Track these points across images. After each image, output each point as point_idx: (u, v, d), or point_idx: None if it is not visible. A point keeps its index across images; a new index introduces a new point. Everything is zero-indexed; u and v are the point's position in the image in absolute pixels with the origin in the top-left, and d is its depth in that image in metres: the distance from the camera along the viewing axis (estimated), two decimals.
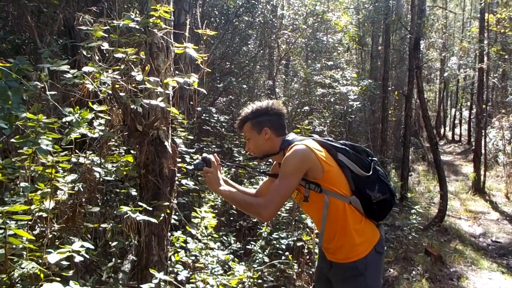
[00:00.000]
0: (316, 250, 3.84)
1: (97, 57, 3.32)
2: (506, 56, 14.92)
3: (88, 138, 3.20)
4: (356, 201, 2.52)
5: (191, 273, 3.90)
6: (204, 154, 2.61)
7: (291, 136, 2.67)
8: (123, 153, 3.84)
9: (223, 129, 8.05)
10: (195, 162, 2.60)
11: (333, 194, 2.47)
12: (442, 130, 31.18)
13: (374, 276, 2.54)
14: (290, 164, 2.42)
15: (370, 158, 2.65)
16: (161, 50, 3.52)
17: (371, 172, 2.56)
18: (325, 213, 2.48)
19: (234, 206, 5.64)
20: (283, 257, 4.73)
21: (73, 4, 5.37)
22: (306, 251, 4.95)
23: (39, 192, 2.63)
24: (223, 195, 2.54)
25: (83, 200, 3.24)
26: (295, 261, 4.71)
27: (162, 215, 3.44)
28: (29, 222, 2.58)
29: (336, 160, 2.53)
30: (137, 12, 3.42)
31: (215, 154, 2.65)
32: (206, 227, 4.19)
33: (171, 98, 3.61)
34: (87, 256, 2.53)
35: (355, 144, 2.70)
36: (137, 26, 3.26)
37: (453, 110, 32.13)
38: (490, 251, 8.13)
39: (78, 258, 2.35)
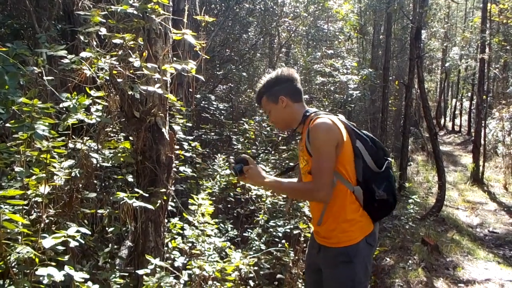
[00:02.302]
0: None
1: (95, 43, 3.31)
2: (508, 47, 14.84)
3: (85, 124, 3.20)
4: (359, 192, 2.49)
5: (187, 259, 3.91)
6: (240, 157, 2.64)
7: (311, 110, 2.65)
8: (120, 139, 3.83)
9: (222, 117, 8.03)
10: (234, 167, 2.59)
11: (340, 177, 2.46)
12: (442, 121, 31.14)
13: (363, 265, 2.52)
14: (321, 139, 2.40)
15: (385, 157, 2.62)
16: (159, 36, 3.50)
17: (383, 169, 2.54)
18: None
19: (232, 194, 5.66)
20: (279, 245, 4.75)
21: None
22: (302, 239, 4.97)
23: (34, 177, 2.63)
24: (271, 186, 2.55)
25: (80, 185, 3.24)
26: (292, 249, 4.73)
27: (159, 201, 3.45)
28: (25, 207, 2.58)
29: (353, 146, 2.51)
30: None
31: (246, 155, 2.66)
32: (203, 214, 4.20)
33: (169, 85, 3.61)
34: (82, 241, 2.55)
35: (376, 139, 2.67)
36: (135, 12, 3.24)
37: (454, 100, 32.06)
38: (487, 241, 8.17)
39: (73, 243, 2.36)
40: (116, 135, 3.88)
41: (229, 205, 6.03)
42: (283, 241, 4.78)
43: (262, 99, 2.70)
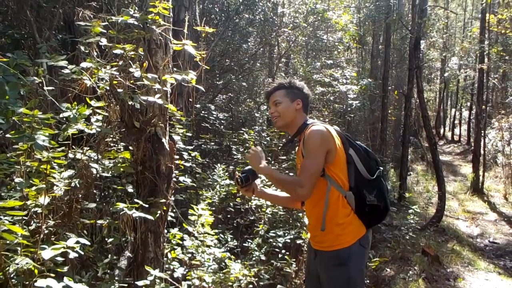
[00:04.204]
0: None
1: (95, 53, 3.31)
2: (507, 57, 14.88)
3: (85, 134, 3.20)
4: (350, 197, 2.60)
5: (187, 270, 3.90)
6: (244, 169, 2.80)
7: (310, 120, 2.80)
8: (120, 150, 3.83)
9: (222, 127, 8.03)
10: (241, 176, 2.73)
11: (334, 182, 2.57)
12: (441, 130, 31.16)
13: (357, 268, 2.58)
14: (313, 142, 2.53)
15: (377, 166, 2.75)
16: (160, 47, 3.51)
17: (374, 177, 2.67)
18: (327, 197, 2.57)
19: (232, 204, 5.65)
20: (279, 255, 4.73)
21: None
22: (305, 249, 4.95)
23: (34, 188, 2.62)
24: (267, 173, 2.65)
25: (80, 196, 3.23)
26: (294, 259, 4.71)
27: (159, 212, 3.43)
28: (25, 218, 2.57)
29: (346, 153, 2.64)
30: (136, 8, 3.42)
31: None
32: (202, 225, 4.19)
33: (169, 95, 3.61)
34: (82, 252, 2.53)
35: (369, 150, 2.80)
36: (135, 23, 3.25)
37: (453, 110, 32.13)
38: (487, 252, 8.14)
39: (72, 254, 2.35)
40: (116, 145, 3.88)
41: (229, 215, 6.02)
42: (284, 251, 4.76)
43: (280, 90, 2.81)
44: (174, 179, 3.81)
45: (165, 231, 3.72)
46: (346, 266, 2.53)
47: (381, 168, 2.76)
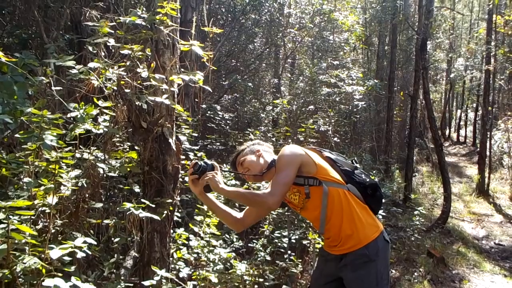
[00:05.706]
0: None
1: (103, 53, 3.33)
2: None
3: (92, 134, 3.21)
4: (353, 188, 2.68)
5: (193, 270, 3.90)
6: (206, 160, 2.71)
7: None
8: (127, 150, 3.84)
9: (227, 127, 8.04)
10: (201, 163, 2.65)
11: (331, 183, 2.62)
12: (447, 132, 31.01)
13: (384, 264, 2.62)
14: (283, 158, 2.59)
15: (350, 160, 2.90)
16: (167, 47, 3.52)
17: (355, 164, 2.82)
18: (324, 201, 2.59)
19: (237, 204, 5.64)
20: (285, 256, 4.73)
21: None
22: (311, 249, 4.95)
23: (42, 187, 2.63)
24: (229, 192, 2.61)
25: (87, 195, 3.24)
26: (299, 260, 4.71)
27: (165, 212, 3.44)
28: (32, 217, 2.58)
29: (324, 157, 2.76)
30: (144, 8, 3.43)
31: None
32: (208, 225, 4.20)
33: (176, 95, 3.62)
34: (89, 252, 2.54)
35: (338, 153, 2.96)
36: (143, 23, 3.26)
37: (459, 111, 31.98)
38: (493, 253, 8.10)
39: (80, 254, 2.36)
40: (123, 145, 3.89)
41: None
42: (289, 252, 4.76)
43: (240, 154, 2.85)
44: (181, 179, 3.82)
45: (171, 231, 3.73)
46: (374, 262, 2.56)
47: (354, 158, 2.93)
